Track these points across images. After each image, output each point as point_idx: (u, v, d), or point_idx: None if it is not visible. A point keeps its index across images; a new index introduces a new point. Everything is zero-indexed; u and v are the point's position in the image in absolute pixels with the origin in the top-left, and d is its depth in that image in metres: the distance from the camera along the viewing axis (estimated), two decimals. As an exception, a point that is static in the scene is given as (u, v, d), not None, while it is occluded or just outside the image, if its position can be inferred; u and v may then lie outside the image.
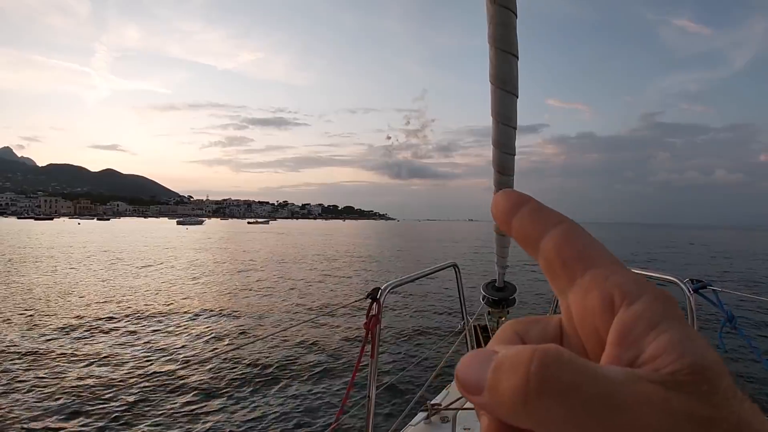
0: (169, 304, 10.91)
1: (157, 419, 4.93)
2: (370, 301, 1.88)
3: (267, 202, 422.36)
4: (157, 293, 12.50)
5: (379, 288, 1.91)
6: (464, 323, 3.09)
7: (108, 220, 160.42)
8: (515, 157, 2.08)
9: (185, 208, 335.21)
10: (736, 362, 6.22)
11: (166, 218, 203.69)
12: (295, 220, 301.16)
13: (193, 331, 8.65)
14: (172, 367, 6.59)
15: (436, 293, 12.30)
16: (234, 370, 6.40)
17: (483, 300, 3.28)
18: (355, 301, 2.12)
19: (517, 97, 1.81)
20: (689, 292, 1.78)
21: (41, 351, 7.01)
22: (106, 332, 8.26)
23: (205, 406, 5.29)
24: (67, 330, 8.28)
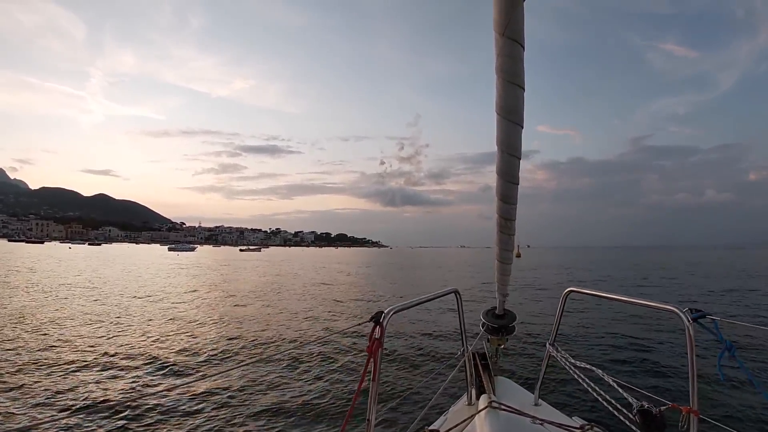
0: (160, 333, 10.71)
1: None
2: (373, 324, 1.88)
3: (259, 230, 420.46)
4: (147, 322, 12.28)
5: (382, 312, 1.91)
6: (464, 350, 3.08)
7: (99, 245, 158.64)
8: (518, 186, 2.13)
9: (177, 235, 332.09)
10: (735, 392, 6.16)
11: (158, 244, 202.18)
12: (287, 247, 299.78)
13: (187, 356, 8.44)
14: (167, 393, 6.43)
15: (437, 319, 12.26)
16: (233, 391, 6.31)
17: (483, 327, 3.28)
18: (358, 325, 2.12)
19: (522, 127, 1.86)
20: (688, 321, 1.79)
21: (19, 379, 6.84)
22: (88, 364, 8.07)
23: (206, 427, 5.18)
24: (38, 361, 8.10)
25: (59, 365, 7.67)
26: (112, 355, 8.44)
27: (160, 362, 8.11)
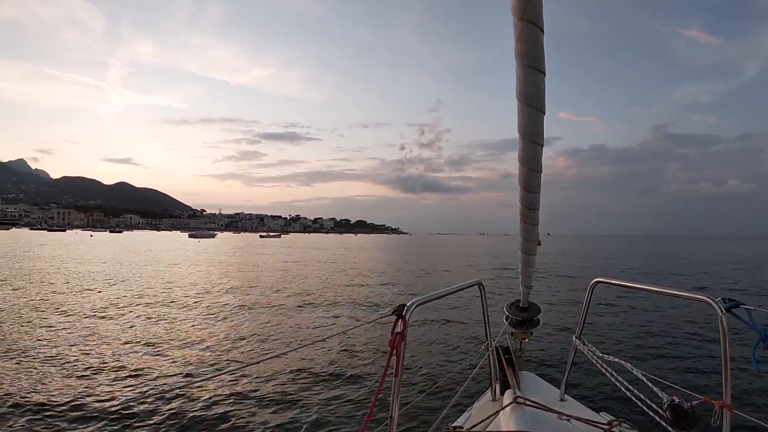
0: (185, 318, 10.94)
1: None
2: (395, 318, 1.81)
3: (279, 216, 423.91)
4: (169, 306, 12.54)
5: (405, 305, 1.84)
6: (487, 344, 3.00)
7: (120, 232, 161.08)
8: (542, 174, 2.05)
9: (198, 222, 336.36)
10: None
11: (179, 231, 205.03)
12: (307, 233, 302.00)
13: (207, 344, 8.60)
14: (191, 379, 6.60)
15: (460, 311, 12.08)
16: (252, 388, 6.32)
17: (506, 320, 3.21)
18: (380, 318, 2.07)
19: (545, 114, 1.78)
20: (721, 311, 1.71)
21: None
22: (117, 341, 8.29)
23: (223, 422, 5.23)
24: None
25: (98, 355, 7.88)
26: (136, 343, 8.64)
27: (181, 350, 8.28)
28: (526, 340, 3.25)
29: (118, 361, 7.29)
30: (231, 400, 5.83)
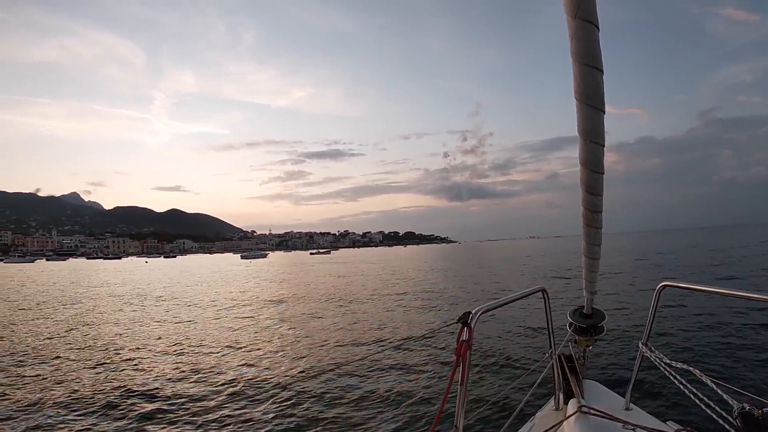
0: (246, 333, 11.25)
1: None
2: (461, 326, 1.80)
3: (328, 233, 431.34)
4: (228, 324, 12.92)
5: (470, 312, 1.82)
6: (551, 351, 2.93)
7: (174, 257, 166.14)
8: (604, 175, 1.99)
9: (249, 243, 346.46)
10: None
11: (231, 253, 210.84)
12: (356, 248, 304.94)
13: (273, 359, 8.85)
14: (254, 392, 6.76)
15: (522, 318, 11.79)
16: (316, 399, 6.45)
17: (570, 327, 3.13)
18: (445, 326, 2.06)
19: (604, 112, 1.74)
20: None
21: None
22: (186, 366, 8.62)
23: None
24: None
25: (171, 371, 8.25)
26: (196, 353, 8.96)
27: (245, 365, 8.54)
28: (590, 348, 3.16)
29: (213, 359, 7.65)
30: (289, 411, 5.99)
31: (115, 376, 7.97)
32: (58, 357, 9.43)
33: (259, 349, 9.79)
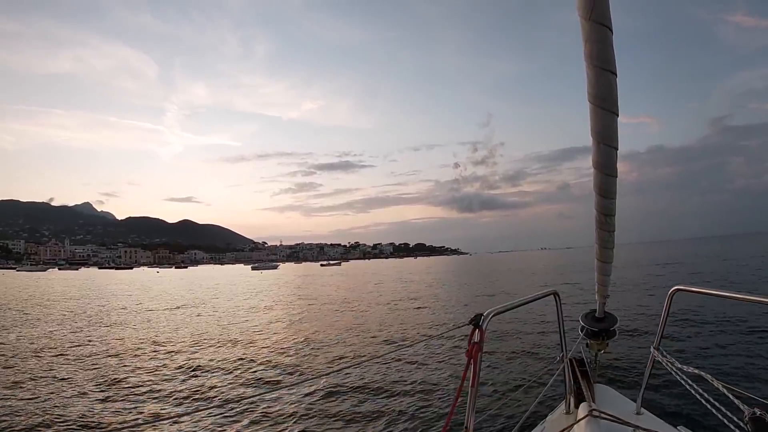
0: (263, 339, 11.28)
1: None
2: (472, 327, 1.82)
3: (339, 244, 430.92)
4: (249, 333, 12.97)
5: (482, 314, 1.85)
6: (562, 355, 2.94)
7: (186, 267, 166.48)
8: (617, 178, 2.00)
9: (260, 254, 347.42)
10: None
11: (242, 264, 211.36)
12: (367, 260, 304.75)
13: (287, 362, 8.95)
14: (269, 394, 6.78)
15: (534, 321, 11.83)
16: (330, 399, 6.54)
17: (582, 331, 3.12)
18: (456, 327, 2.07)
19: (618, 115, 1.76)
20: None
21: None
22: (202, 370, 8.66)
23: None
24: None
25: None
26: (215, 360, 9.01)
27: (257, 372, 8.55)
28: (602, 352, 3.15)
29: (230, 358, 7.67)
30: (314, 406, 6.15)
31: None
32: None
33: (273, 353, 9.84)
